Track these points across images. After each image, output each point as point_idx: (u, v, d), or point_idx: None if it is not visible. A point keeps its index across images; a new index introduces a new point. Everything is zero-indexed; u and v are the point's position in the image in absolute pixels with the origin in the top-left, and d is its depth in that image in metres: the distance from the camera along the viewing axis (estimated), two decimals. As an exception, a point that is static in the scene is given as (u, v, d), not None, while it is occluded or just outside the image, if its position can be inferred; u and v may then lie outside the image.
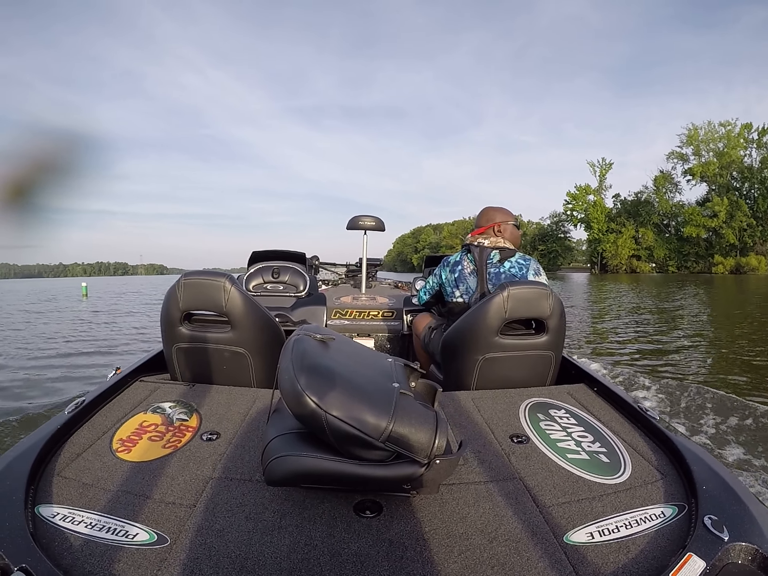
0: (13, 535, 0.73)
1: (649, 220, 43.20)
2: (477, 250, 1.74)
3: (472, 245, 1.77)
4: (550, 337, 1.55)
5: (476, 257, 1.74)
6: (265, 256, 3.04)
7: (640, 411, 1.23)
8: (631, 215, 44.21)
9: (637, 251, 43.53)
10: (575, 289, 19.33)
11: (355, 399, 0.83)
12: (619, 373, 4.12)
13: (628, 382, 3.83)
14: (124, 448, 1.06)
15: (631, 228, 43.58)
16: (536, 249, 53.70)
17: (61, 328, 8.32)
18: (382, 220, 2.92)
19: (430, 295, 2.01)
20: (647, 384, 3.73)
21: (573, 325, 7.75)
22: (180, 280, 1.45)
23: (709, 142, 39.37)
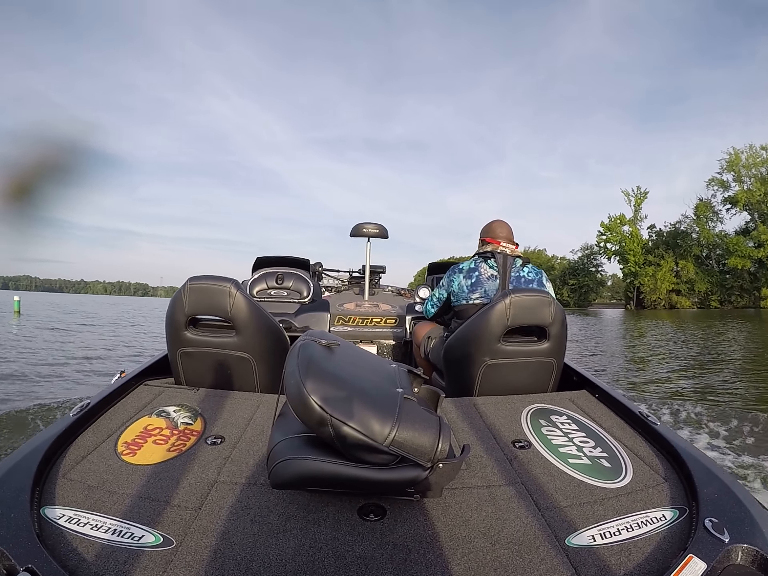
0: (19, 536, 0.74)
1: (690, 252, 40.99)
2: (501, 257, 1.84)
3: (496, 252, 1.86)
4: (552, 344, 1.57)
5: (500, 263, 1.83)
6: (269, 262, 3.05)
7: (641, 416, 1.25)
8: (670, 247, 42.11)
9: (676, 285, 41.42)
10: (611, 327, 17.48)
11: (359, 404, 0.84)
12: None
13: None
14: (129, 451, 1.07)
15: (670, 260, 41.47)
16: (566, 283, 52.17)
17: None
18: (385, 227, 2.92)
19: (438, 307, 2.06)
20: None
21: (615, 371, 6.39)
22: (186, 284, 1.44)
23: (751, 168, 37.49)
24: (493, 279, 1.85)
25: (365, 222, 2.92)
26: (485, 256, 1.89)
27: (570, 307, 50.54)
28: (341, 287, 3.64)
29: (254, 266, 3.09)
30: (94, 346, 8.47)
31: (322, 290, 3.29)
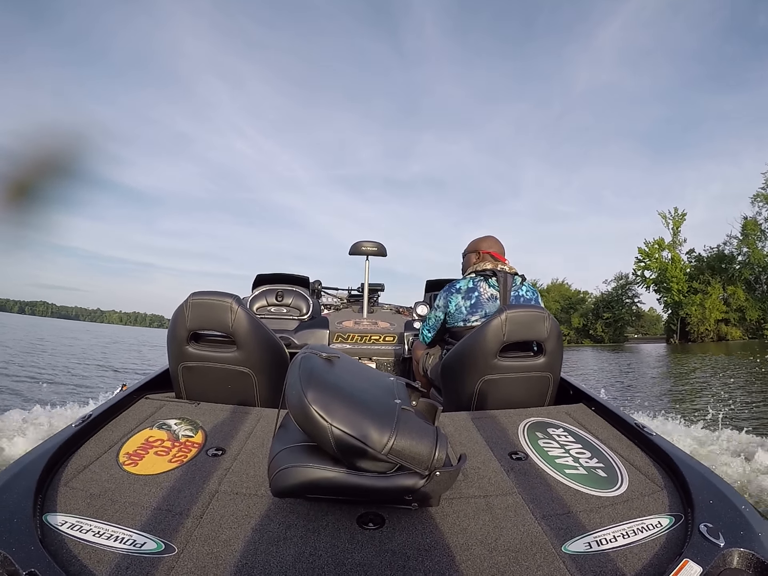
0: (22, 541, 0.75)
1: (740, 276, 37.15)
2: (502, 276, 1.81)
3: (497, 271, 1.83)
4: (548, 358, 1.59)
5: (501, 282, 1.80)
6: (269, 279, 3.12)
7: (637, 428, 1.27)
8: (716, 272, 38.50)
9: (725, 314, 37.68)
10: (657, 367, 14.05)
11: (359, 413, 0.87)
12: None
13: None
14: (131, 461, 1.09)
15: (718, 286, 37.72)
16: (600, 317, 49.03)
17: None
18: (383, 245, 2.96)
19: (434, 331, 2.01)
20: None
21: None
22: (188, 299, 1.47)
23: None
24: (493, 300, 1.82)
25: (364, 240, 2.93)
26: (485, 275, 1.85)
27: (604, 344, 47.23)
28: (340, 305, 3.59)
29: (254, 283, 3.13)
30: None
31: (321, 308, 3.31)
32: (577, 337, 52.16)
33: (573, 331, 52.16)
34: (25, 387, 6.02)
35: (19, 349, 12.24)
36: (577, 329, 51.87)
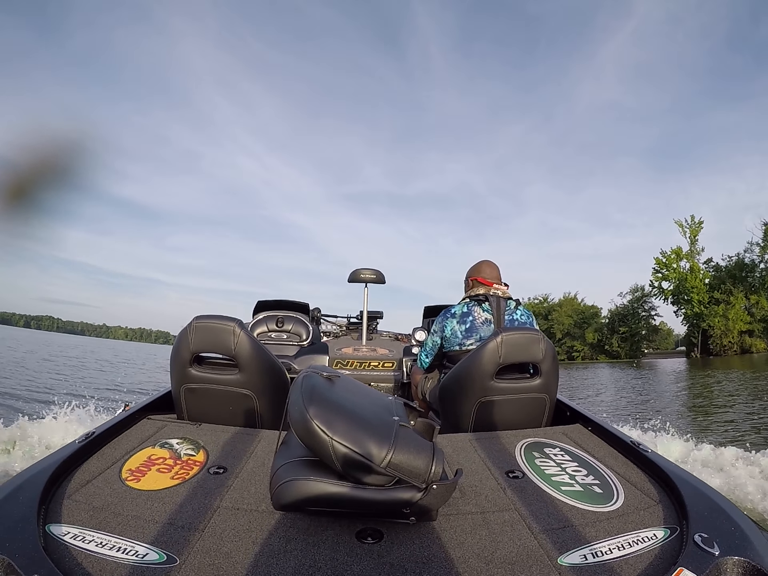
0: (26, 549, 0.77)
1: (762, 285, 35.46)
2: (494, 300, 1.87)
3: (489, 295, 1.89)
4: (544, 380, 1.61)
5: (493, 306, 1.86)
6: (269, 306, 3.14)
7: (633, 445, 1.29)
8: (737, 281, 36.92)
9: (750, 325, 35.98)
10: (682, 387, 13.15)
11: (359, 428, 0.91)
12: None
13: None
14: (134, 477, 1.10)
15: (740, 296, 36.02)
16: (616, 332, 47.46)
17: None
18: (382, 272, 3.00)
19: (432, 356, 2.04)
20: None
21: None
22: (192, 323, 1.50)
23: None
24: (488, 323, 1.86)
25: (362, 268, 2.94)
26: (479, 299, 1.89)
27: (620, 359, 45.61)
28: (339, 333, 3.62)
29: (255, 309, 3.15)
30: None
31: (321, 335, 3.34)
32: (592, 353, 50.52)
33: (587, 347, 50.59)
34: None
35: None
36: (592, 345, 50.31)
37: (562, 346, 52.15)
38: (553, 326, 52.08)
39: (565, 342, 52.05)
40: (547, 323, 53.65)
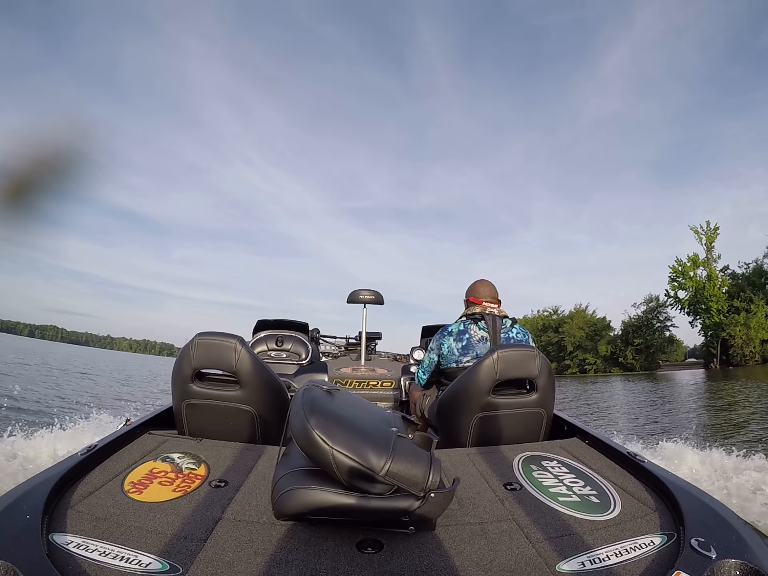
0: (30, 556, 0.78)
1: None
2: (490, 318, 1.91)
3: (485, 314, 1.93)
4: (540, 395, 1.63)
5: (489, 324, 1.90)
6: (269, 325, 3.19)
7: (629, 456, 1.31)
8: (757, 288, 35.60)
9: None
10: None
11: (358, 438, 0.93)
12: None
13: None
14: (136, 489, 1.11)
15: (761, 303, 34.52)
16: (630, 343, 45.95)
17: None
18: (380, 293, 3.06)
19: (429, 373, 2.11)
20: None
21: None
22: (194, 339, 1.52)
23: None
24: (484, 341, 1.90)
25: (361, 289, 3.00)
26: (474, 318, 1.94)
27: (635, 372, 44.03)
28: (338, 353, 3.66)
29: (255, 328, 3.20)
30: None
31: (320, 356, 3.41)
32: (605, 365, 48.88)
33: (600, 359, 49.00)
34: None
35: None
36: (605, 357, 48.71)
37: (574, 359, 50.57)
38: (564, 338, 50.69)
39: (577, 355, 50.47)
40: (557, 335, 52.26)
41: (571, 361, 50.99)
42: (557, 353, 52.44)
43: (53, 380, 12.16)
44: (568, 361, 51.29)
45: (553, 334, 53.51)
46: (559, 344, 52.01)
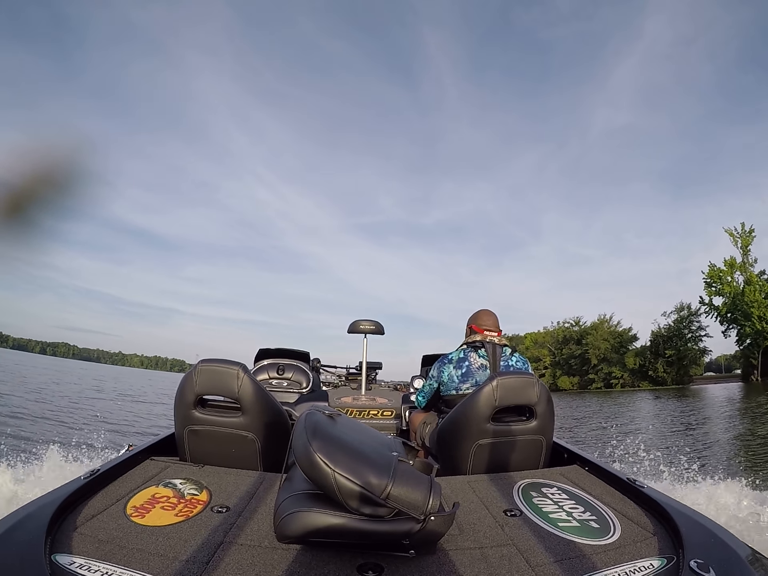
0: (33, 575, 0.80)
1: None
2: (490, 346, 1.97)
3: (485, 342, 1.99)
4: (539, 422, 1.63)
5: (489, 352, 1.95)
6: (271, 354, 3.23)
7: (629, 482, 1.32)
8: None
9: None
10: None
11: (359, 462, 0.94)
12: None
13: None
14: (138, 513, 1.12)
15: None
16: (661, 355, 43.08)
17: None
18: (381, 324, 3.17)
19: (428, 398, 2.16)
20: None
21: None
22: (197, 366, 1.54)
23: None
24: (483, 369, 1.94)
25: (361, 319, 3.09)
26: (475, 346, 1.99)
27: (667, 387, 41.14)
28: (338, 383, 3.74)
29: (256, 357, 3.21)
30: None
31: (320, 385, 3.41)
32: (633, 379, 45.97)
33: (627, 373, 46.14)
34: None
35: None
36: (633, 371, 45.85)
37: (599, 372, 47.72)
38: (588, 351, 47.97)
39: (602, 368, 47.65)
40: (580, 348, 49.57)
41: (596, 375, 48.13)
42: (580, 367, 49.69)
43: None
44: (592, 375, 48.43)
45: (576, 346, 50.83)
46: (582, 357, 49.28)
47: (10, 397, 10.36)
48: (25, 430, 6.54)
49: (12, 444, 5.02)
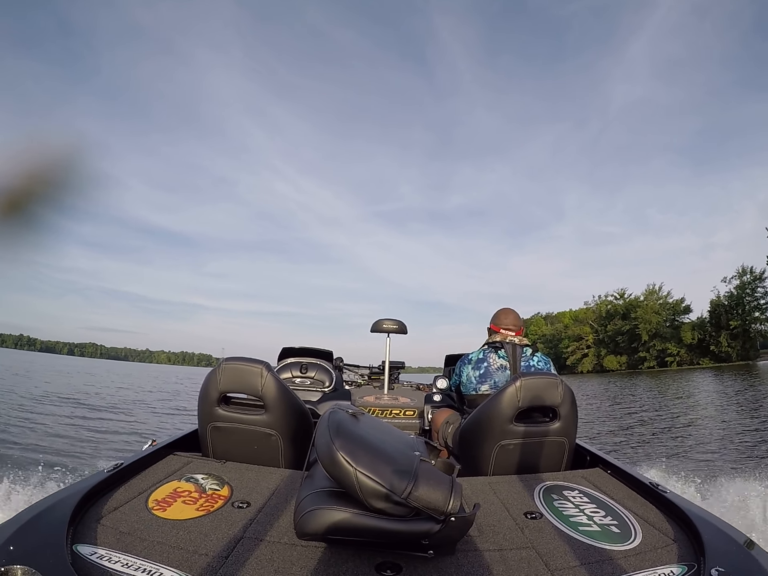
0: (55, 564, 0.81)
1: None
2: (509, 347, 1.96)
3: (505, 342, 1.98)
4: (563, 423, 1.60)
5: (509, 353, 1.95)
6: (294, 353, 3.23)
7: (651, 486, 1.30)
8: None
9: None
10: None
11: (381, 461, 0.95)
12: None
13: None
14: (160, 507, 1.13)
15: None
16: (724, 327, 38.33)
17: None
18: (404, 323, 3.11)
19: (453, 389, 2.25)
20: None
21: None
22: (221, 363, 1.56)
23: None
24: (503, 369, 1.94)
25: (384, 318, 3.05)
26: (495, 346, 1.99)
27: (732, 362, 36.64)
28: (361, 382, 3.71)
29: (280, 356, 3.21)
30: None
31: (343, 384, 3.38)
32: (691, 356, 41.46)
33: (683, 349, 41.63)
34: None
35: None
36: (690, 346, 41.29)
37: (650, 350, 43.34)
38: (638, 326, 43.51)
39: (654, 345, 43.18)
40: (627, 323, 45.12)
41: (647, 353, 43.74)
42: (628, 344, 45.30)
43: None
44: (643, 352, 44.04)
45: (621, 321, 46.36)
46: (631, 333, 44.80)
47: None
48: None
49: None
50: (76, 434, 6.78)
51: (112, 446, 6.16)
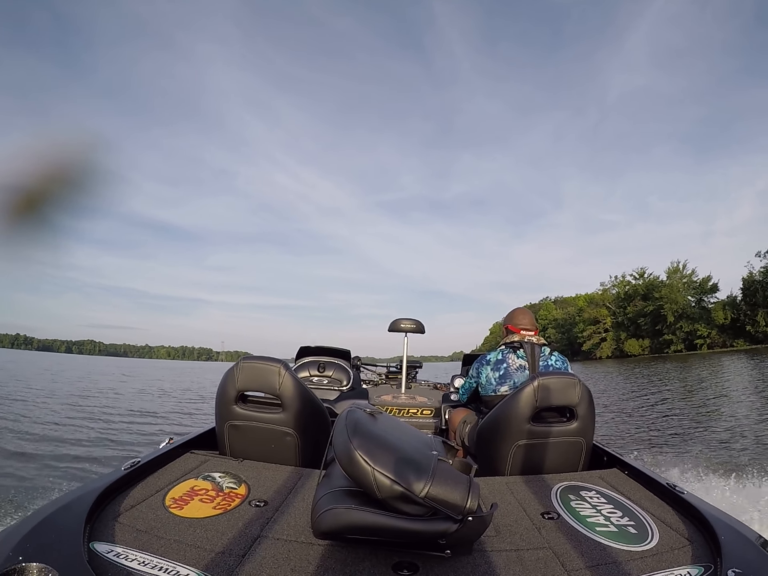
0: (71, 561, 0.82)
1: None
2: (528, 346, 1.95)
3: (524, 342, 1.97)
4: (580, 423, 1.61)
5: (528, 352, 1.93)
6: (311, 351, 3.28)
7: (668, 487, 1.30)
8: None
9: None
10: None
11: (399, 460, 0.95)
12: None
13: None
14: (177, 505, 1.14)
15: None
16: (761, 306, 34.53)
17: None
18: (422, 322, 3.12)
19: (468, 395, 2.23)
20: None
21: None
22: (239, 362, 1.57)
23: None
24: (522, 370, 1.93)
25: (402, 318, 3.08)
26: (513, 347, 1.97)
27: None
28: (379, 381, 3.80)
29: (297, 354, 3.26)
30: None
31: (360, 383, 3.37)
32: (724, 338, 37.77)
33: (715, 330, 37.90)
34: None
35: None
36: (722, 327, 37.57)
37: (677, 331, 39.63)
38: (663, 306, 39.74)
39: (681, 326, 39.42)
40: (650, 304, 41.35)
41: (674, 335, 40.03)
42: (652, 326, 41.59)
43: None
44: (669, 335, 40.34)
45: (643, 303, 42.61)
46: (655, 314, 41.03)
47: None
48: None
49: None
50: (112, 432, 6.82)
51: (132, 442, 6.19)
